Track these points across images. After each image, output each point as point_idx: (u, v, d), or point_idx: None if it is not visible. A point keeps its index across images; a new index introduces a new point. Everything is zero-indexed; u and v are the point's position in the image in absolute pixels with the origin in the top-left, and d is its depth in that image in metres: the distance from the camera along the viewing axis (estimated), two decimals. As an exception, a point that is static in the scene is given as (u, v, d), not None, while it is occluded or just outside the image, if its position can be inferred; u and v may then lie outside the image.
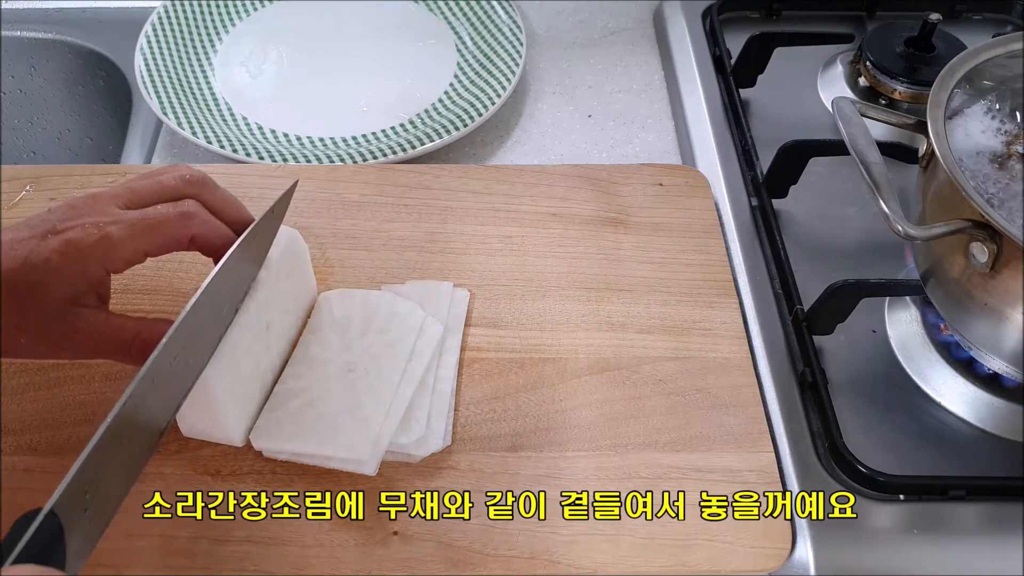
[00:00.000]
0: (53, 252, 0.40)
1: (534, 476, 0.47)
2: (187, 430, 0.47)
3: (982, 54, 0.50)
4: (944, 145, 0.46)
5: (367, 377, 0.48)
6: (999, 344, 0.49)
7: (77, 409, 0.49)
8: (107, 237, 0.41)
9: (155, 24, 0.73)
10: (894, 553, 0.46)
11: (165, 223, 0.42)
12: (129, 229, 0.41)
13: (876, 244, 0.59)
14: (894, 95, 0.68)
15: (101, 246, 0.41)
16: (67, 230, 0.41)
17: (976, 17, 0.77)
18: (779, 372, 0.53)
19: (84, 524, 0.35)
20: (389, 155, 0.64)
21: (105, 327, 0.42)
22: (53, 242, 0.40)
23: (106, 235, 0.41)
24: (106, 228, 0.41)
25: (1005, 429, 0.51)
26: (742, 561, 0.45)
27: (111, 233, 0.41)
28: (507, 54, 0.72)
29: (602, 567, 0.44)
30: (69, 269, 0.40)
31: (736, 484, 0.47)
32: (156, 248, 0.43)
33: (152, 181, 0.44)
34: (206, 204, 0.45)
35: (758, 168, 0.63)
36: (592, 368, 0.52)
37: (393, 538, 0.45)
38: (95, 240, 0.41)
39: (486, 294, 0.55)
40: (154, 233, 0.42)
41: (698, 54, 0.72)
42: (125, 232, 0.41)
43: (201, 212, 0.44)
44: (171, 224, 0.43)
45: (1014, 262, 0.43)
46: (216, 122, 0.68)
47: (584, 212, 0.60)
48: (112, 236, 0.41)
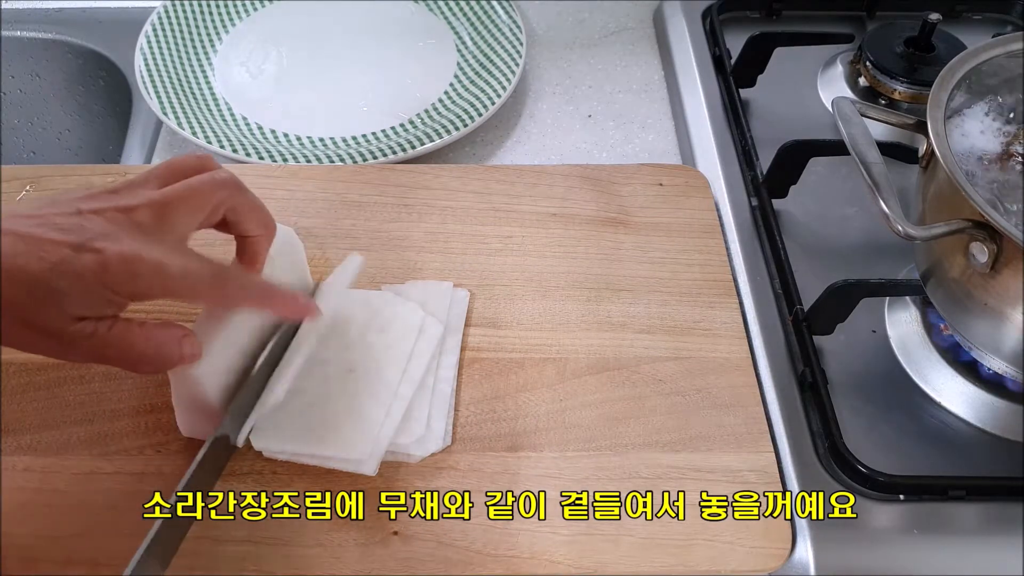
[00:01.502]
0: (87, 271, 0.38)
1: (534, 476, 0.47)
2: (186, 430, 0.47)
3: (982, 54, 0.50)
4: (944, 145, 0.46)
5: (367, 377, 0.48)
6: (999, 344, 0.49)
7: (77, 409, 0.49)
8: (140, 279, 0.39)
9: (155, 24, 0.73)
10: (894, 553, 0.46)
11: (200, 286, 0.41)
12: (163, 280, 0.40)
13: (876, 244, 0.59)
14: (894, 95, 0.68)
15: (134, 285, 0.39)
16: (104, 250, 0.38)
17: (976, 17, 0.77)
18: (779, 372, 0.53)
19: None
20: (389, 155, 0.64)
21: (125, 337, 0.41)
22: (88, 260, 0.38)
23: (139, 276, 0.39)
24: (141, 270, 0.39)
25: (1005, 429, 0.51)
26: (742, 561, 0.45)
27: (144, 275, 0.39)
28: (507, 54, 0.72)
29: (602, 567, 0.44)
30: (99, 290, 0.39)
31: (736, 484, 0.47)
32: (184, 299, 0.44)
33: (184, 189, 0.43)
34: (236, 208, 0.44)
35: (758, 168, 0.63)
36: (592, 368, 0.52)
37: (393, 538, 0.45)
38: (129, 278, 0.39)
39: (486, 294, 0.55)
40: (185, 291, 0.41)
41: (698, 54, 0.72)
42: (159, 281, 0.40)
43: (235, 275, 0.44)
44: (205, 289, 0.42)
45: (1014, 262, 0.43)
46: (216, 122, 0.68)
47: (584, 212, 0.60)
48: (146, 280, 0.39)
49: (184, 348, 0.42)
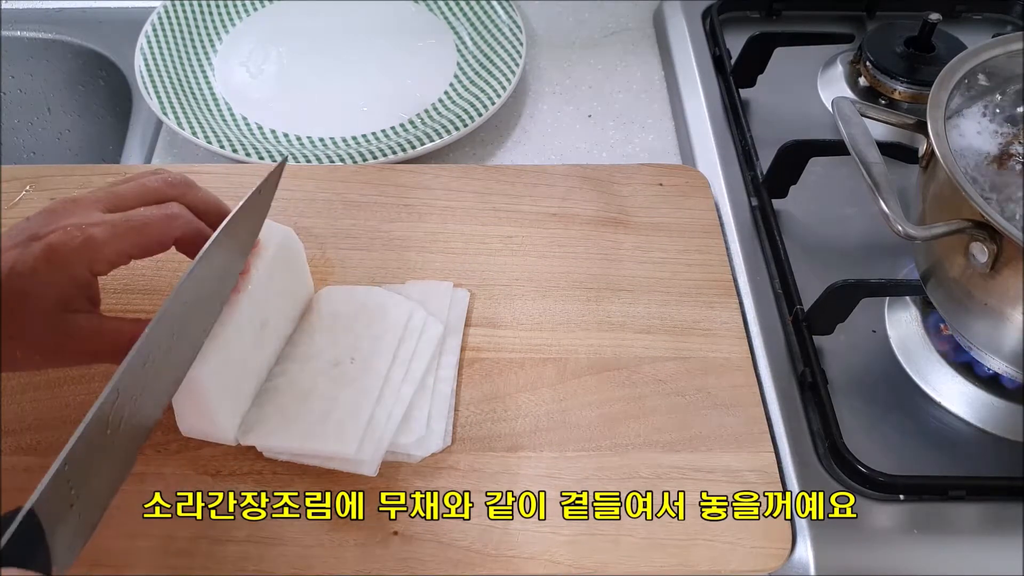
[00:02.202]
0: (37, 259, 0.40)
1: (534, 476, 0.47)
2: (186, 430, 0.47)
3: (982, 54, 0.50)
4: (944, 145, 0.46)
5: (364, 375, 0.48)
6: (999, 344, 0.49)
7: (77, 409, 0.49)
8: (90, 239, 0.40)
9: (155, 24, 0.73)
10: (894, 553, 0.46)
11: (149, 224, 0.42)
12: (112, 230, 0.41)
13: (876, 244, 0.59)
14: (894, 95, 0.68)
15: (84, 248, 0.40)
16: (49, 234, 0.40)
17: (976, 17, 0.77)
18: (779, 372, 0.53)
19: (72, 520, 0.35)
20: (389, 155, 0.64)
21: (100, 331, 0.42)
22: (36, 248, 0.40)
23: (89, 237, 0.40)
24: (89, 230, 0.41)
25: (1005, 429, 0.51)
26: (742, 561, 0.45)
27: (94, 235, 0.41)
28: (507, 54, 0.72)
29: (602, 567, 0.45)
30: (55, 274, 0.40)
31: (736, 484, 0.47)
32: (140, 250, 0.43)
33: (134, 184, 0.44)
34: (189, 206, 0.45)
35: (758, 168, 0.63)
36: (592, 368, 0.52)
37: (393, 538, 0.45)
38: (78, 243, 0.40)
39: (486, 294, 0.55)
40: (138, 234, 0.42)
41: (698, 54, 0.72)
42: (108, 234, 0.41)
43: (185, 213, 0.44)
44: (155, 226, 0.42)
45: (1014, 262, 0.43)
46: (216, 122, 0.68)
47: (584, 212, 0.60)
48: (95, 238, 0.41)
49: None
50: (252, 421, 0.47)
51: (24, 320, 0.40)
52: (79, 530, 0.36)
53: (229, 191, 0.60)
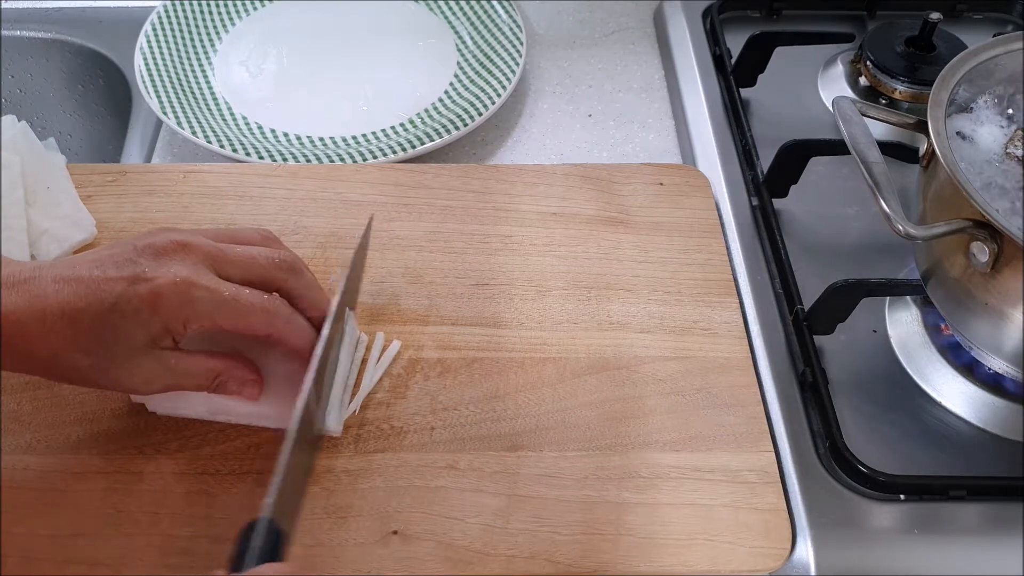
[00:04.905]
0: (143, 301, 0.41)
1: (534, 476, 0.47)
2: (153, 407, 0.48)
3: (982, 53, 0.50)
4: (945, 145, 0.46)
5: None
6: (1000, 344, 0.49)
7: (77, 409, 0.49)
8: (195, 303, 0.42)
9: (155, 24, 0.73)
10: (894, 553, 0.46)
11: (251, 315, 0.44)
12: (215, 305, 0.43)
13: (876, 244, 0.59)
14: (894, 95, 0.68)
15: (187, 308, 0.42)
16: (157, 278, 0.42)
17: (976, 16, 0.77)
18: (779, 372, 0.53)
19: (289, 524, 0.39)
20: (389, 155, 0.64)
21: (188, 367, 0.44)
22: (142, 290, 0.41)
23: (194, 300, 0.42)
24: (195, 293, 0.42)
25: (1005, 429, 0.51)
26: (742, 561, 0.45)
27: (200, 300, 0.42)
28: (507, 54, 0.72)
29: (602, 567, 0.44)
30: (154, 319, 0.42)
31: (736, 484, 0.47)
32: (232, 327, 0.44)
33: (244, 254, 0.45)
34: (291, 290, 0.46)
35: (758, 168, 0.63)
36: (592, 368, 0.52)
37: (393, 538, 0.45)
38: (183, 301, 0.42)
39: (486, 294, 0.55)
40: (236, 317, 0.43)
41: (698, 54, 0.72)
42: (212, 305, 0.42)
43: (284, 310, 0.45)
44: (255, 317, 0.44)
45: (1014, 262, 0.43)
46: (216, 122, 0.68)
47: (584, 212, 0.60)
48: (200, 303, 0.42)
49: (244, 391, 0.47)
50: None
51: (114, 351, 0.42)
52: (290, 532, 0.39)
53: (229, 190, 0.60)
